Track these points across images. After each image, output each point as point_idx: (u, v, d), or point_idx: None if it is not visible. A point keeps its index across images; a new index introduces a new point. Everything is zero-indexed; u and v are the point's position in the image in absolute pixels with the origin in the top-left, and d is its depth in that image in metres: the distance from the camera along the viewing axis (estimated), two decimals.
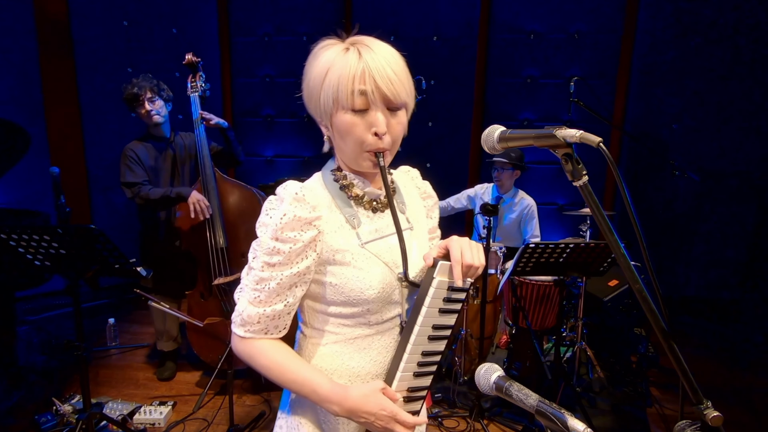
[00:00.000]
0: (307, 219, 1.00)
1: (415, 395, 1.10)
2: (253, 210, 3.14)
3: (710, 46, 4.36)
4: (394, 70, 0.97)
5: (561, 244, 2.48)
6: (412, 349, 1.04)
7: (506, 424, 2.91)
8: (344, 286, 1.03)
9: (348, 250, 1.03)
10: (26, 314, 4.29)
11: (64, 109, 4.56)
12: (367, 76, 0.95)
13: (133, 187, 3.02)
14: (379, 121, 0.97)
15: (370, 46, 0.97)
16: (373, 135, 0.98)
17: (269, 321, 1.03)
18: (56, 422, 2.80)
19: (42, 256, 2.21)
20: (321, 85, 0.98)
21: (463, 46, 4.81)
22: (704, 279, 4.72)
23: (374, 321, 1.08)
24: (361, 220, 1.07)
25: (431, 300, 1.02)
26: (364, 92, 0.95)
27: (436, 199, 1.27)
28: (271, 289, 1.01)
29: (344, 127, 0.99)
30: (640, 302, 0.85)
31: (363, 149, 1.00)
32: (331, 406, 1.02)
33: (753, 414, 3.13)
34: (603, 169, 4.80)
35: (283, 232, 0.99)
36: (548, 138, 0.87)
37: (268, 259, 1.00)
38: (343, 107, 0.97)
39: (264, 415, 2.95)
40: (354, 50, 0.97)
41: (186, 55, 3.12)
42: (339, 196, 1.07)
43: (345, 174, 1.09)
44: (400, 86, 0.97)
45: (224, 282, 2.97)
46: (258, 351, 1.05)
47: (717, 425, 0.80)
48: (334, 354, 1.09)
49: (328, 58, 0.98)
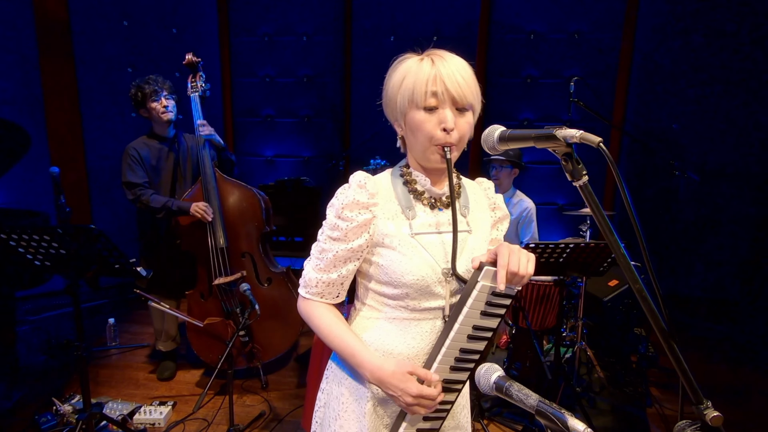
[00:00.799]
0: (365, 204, 1.14)
1: (451, 387, 1.17)
2: (253, 210, 3.13)
3: (710, 46, 4.36)
4: (463, 76, 1.09)
5: (561, 244, 2.47)
6: (450, 344, 1.10)
7: (506, 424, 2.91)
8: (388, 267, 1.15)
9: (396, 236, 1.15)
10: (26, 314, 4.29)
11: (64, 109, 4.56)
12: (438, 79, 1.07)
13: (134, 188, 3.02)
14: (447, 117, 1.08)
15: (443, 56, 1.11)
16: (442, 130, 1.09)
17: (324, 287, 1.20)
18: (56, 422, 2.80)
19: (42, 256, 2.21)
20: (399, 88, 1.12)
21: (463, 46, 4.80)
22: (704, 279, 4.72)
23: (413, 307, 1.17)
24: (417, 213, 1.18)
25: (473, 302, 1.07)
26: (435, 93, 1.07)
27: (506, 213, 1.33)
28: (329, 260, 1.17)
29: (416, 123, 1.11)
30: (640, 302, 0.85)
31: (432, 143, 1.11)
32: (364, 371, 1.14)
33: (753, 414, 3.13)
34: (603, 169, 4.81)
35: (343, 212, 1.14)
36: (548, 138, 0.87)
37: (330, 233, 1.16)
38: (416, 106, 1.10)
39: (264, 415, 2.95)
40: (428, 59, 1.11)
41: (186, 55, 3.13)
42: (401, 189, 1.19)
43: (411, 171, 1.20)
44: (467, 89, 1.09)
45: (224, 282, 2.97)
46: (313, 312, 1.21)
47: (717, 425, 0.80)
48: (373, 328, 1.21)
49: (406, 66, 1.13)
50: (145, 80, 3.07)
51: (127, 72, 4.72)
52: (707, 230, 4.65)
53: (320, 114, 5.28)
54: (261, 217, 3.13)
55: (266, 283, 3.15)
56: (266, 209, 3.18)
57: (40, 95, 4.47)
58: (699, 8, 4.33)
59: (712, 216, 4.62)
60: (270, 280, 3.16)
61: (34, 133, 3.85)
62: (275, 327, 3.15)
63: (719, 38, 4.33)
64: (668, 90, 4.54)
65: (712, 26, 4.33)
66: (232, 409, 2.61)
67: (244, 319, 2.59)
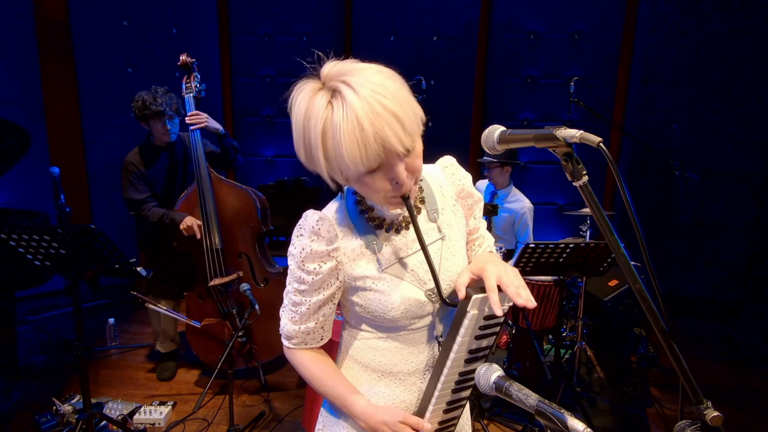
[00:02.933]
0: (325, 252, 1.05)
1: (456, 405, 1.15)
2: (249, 210, 3.12)
3: (710, 46, 4.36)
4: (398, 115, 0.87)
5: (561, 244, 2.47)
6: (448, 373, 1.07)
7: (506, 424, 2.91)
8: (368, 307, 1.10)
9: (368, 276, 1.08)
10: (26, 314, 4.29)
11: (64, 109, 4.56)
12: (368, 141, 0.86)
13: (136, 204, 3.06)
14: (399, 175, 0.94)
15: (355, 89, 0.86)
16: (395, 183, 0.95)
17: (305, 336, 1.14)
18: (56, 422, 2.80)
19: (42, 256, 2.21)
20: (321, 156, 0.91)
21: (463, 46, 4.81)
22: (704, 279, 4.72)
23: (403, 329, 1.13)
24: (382, 244, 1.09)
25: (465, 331, 1.03)
26: (375, 161, 0.89)
27: (479, 196, 1.23)
28: (303, 312, 1.11)
29: (363, 188, 0.98)
30: (640, 302, 0.85)
31: (387, 198, 0.99)
32: (358, 421, 1.11)
33: (753, 414, 3.13)
34: (603, 169, 4.81)
35: (305, 264, 1.06)
36: (548, 138, 0.87)
37: (297, 286, 1.09)
38: (357, 174, 0.92)
39: (264, 415, 2.95)
40: (338, 106, 0.87)
41: (180, 56, 3.09)
42: (359, 221, 1.09)
43: (365, 200, 1.10)
44: (402, 133, 0.89)
45: (220, 283, 2.96)
46: (300, 362, 1.17)
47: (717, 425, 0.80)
48: (367, 349, 1.16)
49: (316, 119, 0.89)
50: (152, 96, 2.97)
51: (127, 72, 4.72)
52: (707, 230, 4.65)
53: None
54: (256, 217, 3.12)
55: (263, 284, 3.14)
56: (262, 209, 3.17)
57: (40, 95, 4.47)
58: (698, 8, 4.33)
59: (711, 216, 4.62)
60: (267, 281, 3.15)
61: (34, 133, 3.85)
62: (273, 327, 3.11)
63: (719, 38, 4.33)
64: (668, 90, 4.54)
65: (712, 26, 4.33)
66: (232, 409, 2.61)
67: (245, 319, 2.59)
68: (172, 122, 3.06)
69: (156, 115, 2.98)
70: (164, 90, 3.05)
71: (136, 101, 3.01)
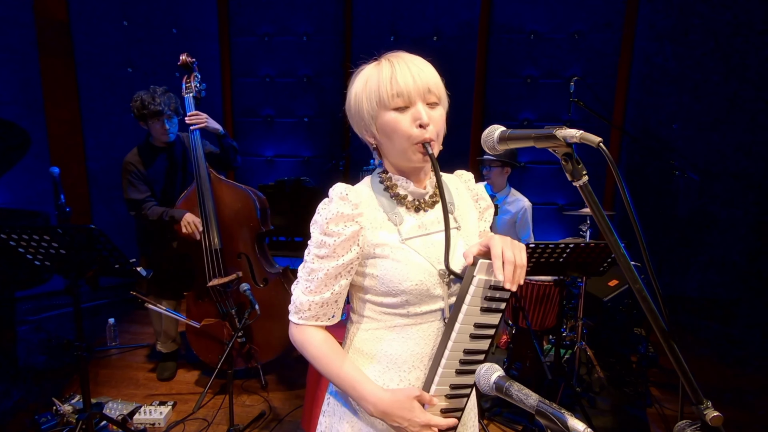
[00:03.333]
0: (350, 215, 1.10)
1: (459, 392, 1.14)
2: (248, 211, 3.11)
3: (710, 46, 4.36)
4: (424, 70, 1.08)
5: (561, 244, 2.47)
6: (453, 346, 1.07)
7: (506, 424, 2.91)
8: (383, 277, 1.11)
9: (387, 245, 1.11)
10: (26, 314, 4.29)
11: (64, 109, 4.56)
12: (400, 76, 1.05)
13: (136, 204, 3.06)
14: (421, 113, 1.05)
15: (400, 56, 1.10)
16: (418, 127, 1.06)
17: (318, 308, 1.14)
18: (56, 422, 2.80)
19: (42, 256, 2.21)
20: (363, 95, 1.10)
21: (463, 46, 4.81)
22: (704, 279, 4.72)
23: (413, 312, 1.14)
24: (404, 217, 1.15)
25: (471, 298, 1.05)
26: (401, 93, 1.05)
27: (490, 203, 1.31)
28: (320, 279, 1.12)
29: (390, 124, 1.07)
30: (640, 302, 0.85)
31: (411, 143, 1.07)
32: (366, 405, 1.10)
33: (753, 414, 3.13)
34: (603, 169, 4.81)
35: (329, 227, 1.09)
36: (548, 138, 0.87)
37: (317, 251, 1.11)
38: (385, 108, 1.07)
39: (264, 415, 2.95)
40: (386, 62, 1.09)
41: (180, 56, 3.09)
42: (383, 196, 1.16)
43: (390, 176, 1.17)
44: (431, 82, 1.07)
45: (219, 283, 2.96)
46: (308, 341, 1.16)
47: (717, 425, 0.80)
48: (374, 339, 1.18)
49: (365, 73, 1.11)
50: (150, 96, 2.97)
51: (127, 72, 4.72)
52: (707, 230, 4.65)
53: (320, 114, 5.28)
54: (256, 217, 3.11)
55: (263, 284, 3.14)
56: (262, 209, 3.16)
57: (40, 95, 4.47)
58: (698, 8, 4.33)
59: (711, 216, 4.62)
60: (266, 281, 3.15)
61: (34, 133, 3.85)
62: (273, 327, 3.15)
63: (719, 38, 4.33)
64: (668, 90, 4.54)
65: (712, 26, 4.33)
66: (232, 409, 2.61)
67: (245, 319, 2.59)
68: (170, 122, 3.05)
69: (154, 114, 2.98)
70: (163, 90, 3.04)
71: (134, 101, 3.01)
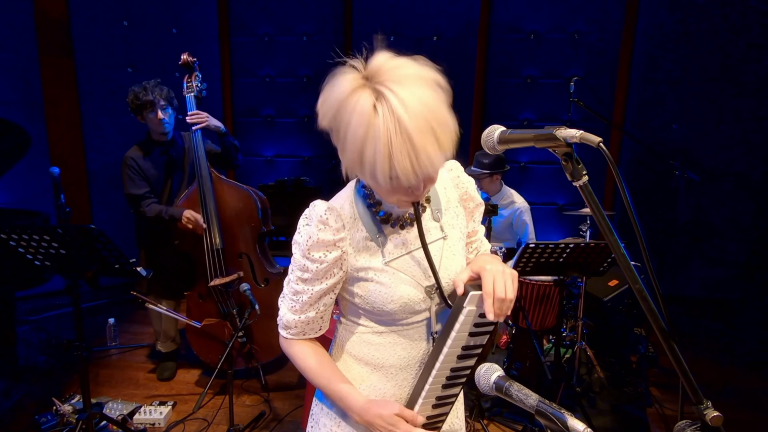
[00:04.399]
0: (331, 241, 1.07)
1: (444, 402, 1.17)
2: (249, 210, 3.12)
3: (710, 46, 4.36)
4: (438, 136, 0.91)
5: (561, 244, 2.47)
6: (440, 367, 1.09)
7: (506, 424, 2.91)
8: (368, 298, 1.11)
9: (371, 268, 1.10)
10: (26, 314, 4.29)
11: (64, 109, 4.56)
12: (403, 164, 0.89)
13: (136, 200, 3.05)
14: (418, 189, 0.99)
15: (405, 103, 0.88)
16: (410, 192, 0.99)
17: (305, 325, 1.16)
18: (56, 422, 2.80)
19: (42, 256, 2.21)
20: (360, 157, 0.92)
21: (463, 46, 4.81)
22: (704, 279, 4.72)
23: (399, 323, 1.15)
24: (387, 237, 1.12)
25: (460, 326, 1.05)
26: (402, 180, 0.91)
27: (480, 200, 1.26)
28: (304, 301, 1.12)
29: (379, 189, 1.03)
30: (640, 302, 0.85)
31: (400, 200, 1.03)
32: (352, 413, 1.13)
33: (753, 414, 3.13)
34: (603, 169, 4.80)
35: (310, 253, 1.08)
36: (548, 138, 0.87)
37: (300, 274, 1.11)
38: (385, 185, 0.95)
39: (264, 415, 2.95)
40: (387, 113, 0.88)
41: (182, 56, 3.10)
42: (365, 214, 1.11)
43: (374, 194, 1.11)
44: (438, 161, 0.92)
45: (220, 283, 2.96)
46: (297, 354, 1.18)
47: (717, 425, 0.80)
48: (361, 342, 1.19)
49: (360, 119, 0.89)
50: (142, 88, 2.99)
51: (127, 72, 4.72)
52: (707, 230, 4.65)
53: None
54: (257, 217, 3.12)
55: (264, 284, 3.14)
56: (263, 209, 3.17)
57: (40, 95, 4.47)
58: (698, 8, 4.33)
59: (712, 216, 4.62)
60: (267, 281, 3.15)
61: (34, 133, 3.84)
62: (273, 327, 3.11)
63: (718, 38, 4.33)
64: (668, 90, 4.54)
65: (712, 26, 4.33)
66: (232, 409, 2.61)
67: (245, 319, 2.59)
68: (165, 112, 3.04)
69: (148, 105, 2.99)
70: (155, 82, 3.06)
71: (128, 96, 3.04)
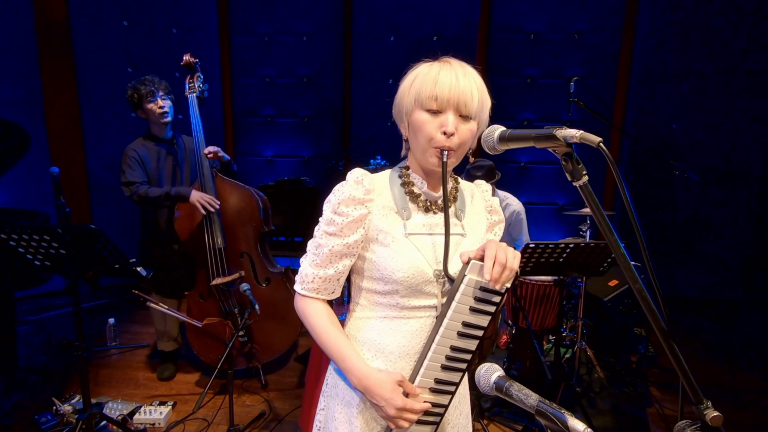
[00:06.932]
0: (360, 199, 1.15)
1: (443, 388, 1.16)
2: (251, 210, 3.13)
3: (710, 46, 4.36)
4: (468, 85, 1.10)
5: (561, 244, 2.47)
6: (441, 341, 1.11)
7: (506, 424, 2.91)
8: (379, 263, 1.17)
9: (390, 233, 1.17)
10: (26, 314, 4.29)
11: (64, 109, 4.56)
12: (443, 83, 1.09)
13: (132, 185, 3.03)
14: (449, 121, 1.09)
15: (452, 64, 1.14)
16: (443, 134, 1.10)
17: (321, 282, 1.21)
18: (56, 422, 2.80)
19: (42, 256, 2.21)
20: (408, 89, 1.15)
21: (463, 46, 4.81)
22: (704, 279, 4.72)
23: (403, 305, 1.19)
24: (412, 214, 1.20)
25: (461, 296, 1.09)
26: (437, 97, 1.09)
27: (502, 217, 1.34)
28: (325, 255, 1.18)
29: (418, 123, 1.12)
30: (640, 302, 0.85)
31: (431, 145, 1.12)
32: (351, 377, 1.17)
33: (753, 414, 3.13)
34: (603, 169, 4.80)
35: (339, 207, 1.16)
36: (548, 138, 0.87)
37: (326, 228, 1.18)
38: (420, 107, 1.12)
39: (264, 415, 2.95)
40: (438, 65, 1.14)
41: (184, 56, 3.12)
42: (398, 190, 1.21)
43: (409, 173, 1.22)
44: (470, 98, 1.10)
45: (222, 282, 2.97)
46: (310, 311, 1.23)
47: (717, 425, 0.80)
48: (365, 327, 1.24)
49: (418, 70, 1.16)
50: (141, 81, 3.05)
51: (127, 72, 4.72)
52: (707, 230, 4.65)
53: (320, 114, 5.28)
54: (259, 217, 3.13)
55: (264, 283, 3.15)
56: (264, 209, 3.18)
57: (40, 95, 4.47)
58: (698, 8, 4.33)
59: (712, 216, 4.62)
60: (268, 280, 3.16)
61: (34, 133, 3.85)
62: (274, 327, 3.15)
63: (718, 38, 4.33)
64: (668, 90, 4.54)
65: (711, 26, 4.33)
66: (232, 409, 2.61)
67: (244, 319, 2.59)
68: (164, 100, 3.07)
69: (148, 94, 3.02)
70: (151, 76, 3.10)
71: (128, 91, 3.07)
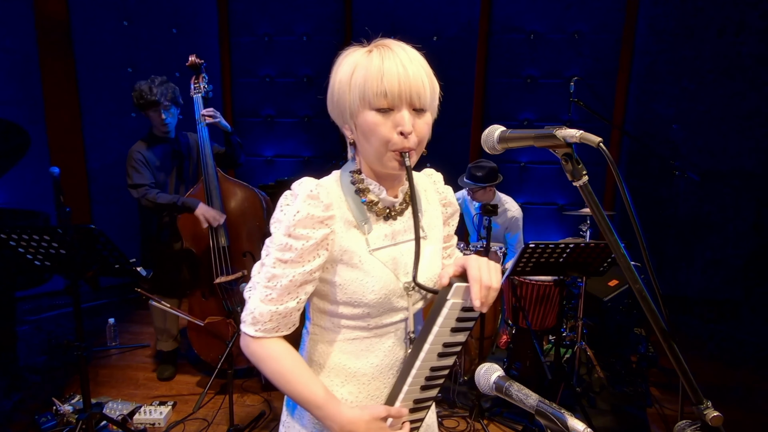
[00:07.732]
0: (320, 217, 1.00)
1: (422, 405, 1.13)
2: (255, 209, 3.17)
3: (710, 46, 4.36)
4: (417, 72, 0.98)
5: (561, 244, 2.48)
6: (421, 365, 1.05)
7: (506, 424, 2.91)
8: (347, 287, 1.04)
9: (355, 252, 1.04)
10: (26, 314, 4.29)
11: (64, 109, 4.56)
12: (391, 75, 0.96)
13: (140, 188, 3.03)
14: (404, 120, 0.97)
15: (392, 49, 0.99)
16: (399, 134, 0.98)
17: (281, 318, 1.03)
18: (56, 422, 2.80)
19: (42, 256, 2.21)
20: (348, 85, 0.99)
21: (463, 46, 4.81)
22: (704, 279, 4.72)
23: (373, 325, 1.09)
24: (372, 226, 1.07)
25: (443, 320, 1.01)
26: (388, 93, 0.96)
27: (456, 207, 1.25)
28: (283, 287, 1.01)
29: (369, 126, 0.99)
30: (640, 302, 0.85)
31: (388, 149, 0.99)
32: (332, 425, 1.02)
33: (753, 414, 3.13)
34: (603, 169, 4.80)
35: (296, 229, 0.99)
36: (548, 138, 0.87)
37: (281, 255, 1.00)
38: (368, 106, 0.98)
39: (264, 415, 2.95)
40: (377, 52, 0.99)
41: (189, 57, 3.14)
42: (353, 199, 1.06)
43: (363, 178, 1.08)
44: (422, 88, 0.98)
45: (225, 281, 2.98)
46: (269, 354, 1.04)
47: (717, 425, 0.80)
48: (332, 352, 1.11)
49: (353, 60, 1.00)
50: (149, 86, 3.00)
51: (127, 72, 4.72)
52: (707, 230, 4.65)
53: (320, 114, 5.28)
54: (262, 216, 3.17)
55: None
56: (268, 209, 3.22)
57: (40, 95, 4.47)
58: (698, 8, 4.33)
59: (712, 216, 4.62)
60: None
61: (34, 133, 3.85)
62: None
63: (718, 38, 4.33)
64: (668, 90, 4.54)
65: (712, 26, 4.33)
66: (232, 409, 2.61)
67: None
68: (167, 112, 3.06)
69: (151, 104, 3.00)
70: (162, 79, 3.06)
71: (134, 91, 3.05)
